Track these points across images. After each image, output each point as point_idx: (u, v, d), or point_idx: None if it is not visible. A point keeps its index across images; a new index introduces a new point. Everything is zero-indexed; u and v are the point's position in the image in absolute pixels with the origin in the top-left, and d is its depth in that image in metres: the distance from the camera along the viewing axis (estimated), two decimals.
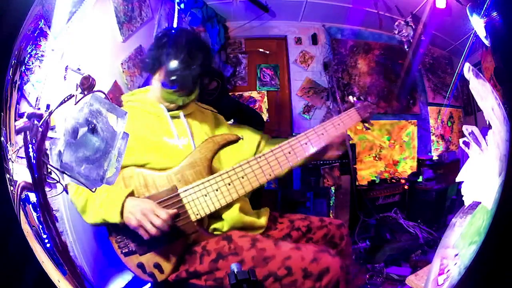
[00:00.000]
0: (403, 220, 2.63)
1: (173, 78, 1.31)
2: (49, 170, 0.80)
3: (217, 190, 1.27)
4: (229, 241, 1.22)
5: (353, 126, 1.53)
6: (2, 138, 1.00)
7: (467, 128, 1.12)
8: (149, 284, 1.36)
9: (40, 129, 0.83)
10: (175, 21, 2.32)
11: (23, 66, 1.23)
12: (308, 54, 2.98)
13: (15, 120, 1.07)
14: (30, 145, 0.82)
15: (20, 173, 0.99)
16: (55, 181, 0.81)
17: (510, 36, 1.04)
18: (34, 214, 1.07)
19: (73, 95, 0.82)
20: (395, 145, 2.97)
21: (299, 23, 2.84)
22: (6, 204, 0.96)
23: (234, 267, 0.96)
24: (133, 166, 1.28)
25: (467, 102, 2.77)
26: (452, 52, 2.76)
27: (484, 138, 1.08)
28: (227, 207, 1.30)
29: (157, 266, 1.23)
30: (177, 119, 1.40)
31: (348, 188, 2.55)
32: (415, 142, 2.95)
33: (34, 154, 0.81)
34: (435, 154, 2.91)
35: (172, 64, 1.31)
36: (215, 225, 1.31)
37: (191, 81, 1.34)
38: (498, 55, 1.45)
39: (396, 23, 2.58)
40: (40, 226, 1.05)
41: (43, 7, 1.32)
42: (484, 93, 1.05)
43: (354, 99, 1.60)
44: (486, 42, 1.51)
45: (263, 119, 2.64)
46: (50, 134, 0.86)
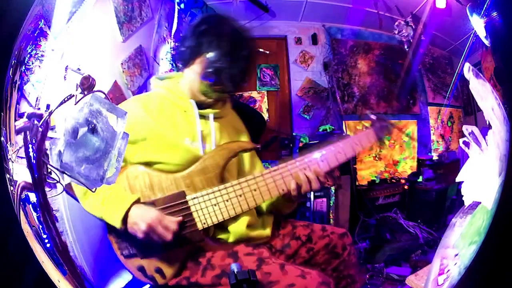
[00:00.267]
0: (403, 220, 2.63)
1: (212, 69, 1.21)
2: (49, 170, 0.80)
3: (228, 201, 1.22)
4: (235, 259, 1.17)
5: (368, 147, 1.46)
6: (2, 138, 1.00)
7: (467, 128, 1.12)
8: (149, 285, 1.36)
9: (40, 129, 0.83)
10: (175, 21, 2.32)
11: (23, 66, 1.23)
12: (308, 54, 2.98)
13: (15, 120, 1.07)
14: (30, 145, 0.82)
15: (20, 173, 0.99)
16: (55, 181, 0.81)
17: (510, 36, 1.04)
18: (34, 214, 1.06)
19: (73, 95, 0.82)
20: (395, 145, 2.97)
21: (299, 23, 2.84)
22: (6, 204, 0.96)
23: (234, 267, 0.95)
24: (138, 165, 1.22)
25: (467, 102, 2.77)
26: (452, 52, 2.76)
27: (484, 138, 1.08)
28: (234, 219, 1.26)
29: (158, 271, 1.21)
30: (205, 119, 1.31)
31: (348, 188, 2.55)
32: (415, 142, 2.96)
33: (34, 154, 0.81)
34: (435, 154, 2.91)
35: (213, 54, 1.21)
36: (220, 235, 1.27)
37: (233, 75, 1.23)
38: (498, 55, 1.45)
39: (396, 23, 2.58)
40: (40, 226, 1.05)
41: (43, 7, 1.32)
42: (484, 93, 1.05)
43: (374, 117, 1.51)
44: (486, 42, 1.51)
45: (264, 119, 2.65)
46: (50, 134, 0.86)
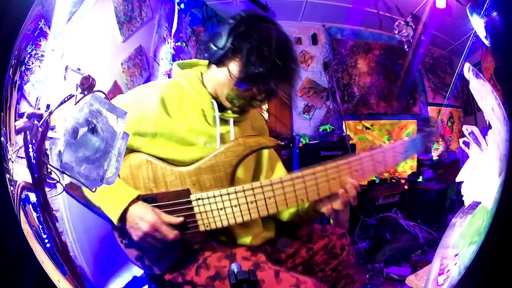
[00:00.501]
0: (403, 220, 2.63)
1: (249, 76, 1.09)
2: (49, 170, 0.79)
3: (236, 207, 1.10)
4: (231, 261, 1.10)
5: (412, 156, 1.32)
6: (2, 138, 1.00)
7: (467, 128, 1.11)
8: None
9: (40, 129, 0.83)
10: (175, 21, 2.32)
11: (23, 66, 1.23)
12: (308, 54, 2.98)
13: (15, 120, 1.07)
14: (30, 145, 0.82)
15: (20, 173, 0.99)
16: (55, 181, 0.81)
17: (510, 36, 1.04)
18: (34, 214, 1.06)
19: (73, 95, 0.82)
20: None
21: (299, 23, 2.84)
22: (6, 204, 0.96)
23: (234, 267, 0.95)
24: (141, 152, 1.14)
25: (467, 102, 2.77)
26: (452, 52, 2.76)
27: (484, 138, 1.08)
28: (240, 226, 1.17)
29: (156, 263, 1.18)
30: (225, 123, 1.21)
31: None
32: None
33: (34, 154, 0.81)
34: (435, 154, 2.91)
35: (253, 60, 1.08)
36: (224, 238, 1.20)
37: (271, 84, 1.10)
38: (498, 55, 1.45)
39: (396, 23, 2.58)
40: (40, 226, 1.05)
41: (43, 7, 1.33)
42: (484, 93, 1.04)
43: (422, 123, 1.34)
44: (486, 42, 1.51)
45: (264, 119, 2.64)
46: (50, 134, 0.86)
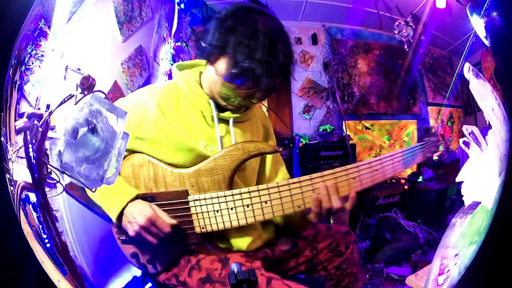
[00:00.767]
0: (403, 220, 2.63)
1: (239, 70, 1.05)
2: (49, 170, 0.80)
3: (232, 209, 1.10)
4: (223, 265, 1.09)
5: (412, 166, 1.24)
6: (2, 138, 1.00)
7: (467, 128, 1.12)
8: (149, 284, 1.36)
9: (40, 129, 0.83)
10: (175, 21, 2.32)
11: (23, 66, 1.23)
12: (308, 54, 2.98)
13: (15, 120, 1.07)
14: (30, 145, 0.82)
15: (20, 173, 0.99)
16: (55, 181, 0.81)
17: (510, 36, 1.04)
18: (34, 214, 1.06)
19: (73, 95, 0.82)
20: (395, 145, 2.97)
21: (299, 23, 2.84)
22: (6, 204, 0.96)
23: (234, 267, 0.95)
24: (145, 154, 1.15)
25: (467, 102, 2.77)
26: (452, 52, 2.76)
27: (484, 138, 1.08)
28: (237, 230, 1.17)
29: (150, 262, 1.19)
30: (224, 123, 1.20)
31: None
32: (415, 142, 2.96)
33: (34, 154, 0.81)
34: (435, 154, 2.91)
35: (241, 55, 1.04)
36: (221, 244, 1.20)
37: (263, 77, 1.06)
38: (498, 55, 1.45)
39: (396, 23, 2.58)
40: (40, 226, 1.05)
41: (43, 7, 1.32)
42: (484, 93, 1.05)
43: (422, 132, 1.37)
44: (486, 42, 1.51)
45: None
46: (50, 134, 0.86)
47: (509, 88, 1.07)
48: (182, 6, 2.31)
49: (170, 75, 1.70)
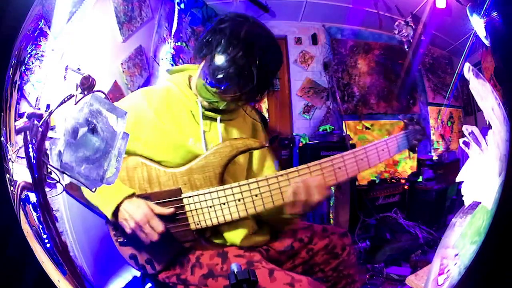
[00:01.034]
0: (403, 220, 2.63)
1: (218, 75, 1.08)
2: (49, 170, 0.80)
3: (224, 204, 1.14)
4: (223, 259, 1.13)
5: (397, 154, 1.27)
6: (2, 138, 1.00)
7: (467, 128, 1.12)
8: (149, 284, 1.36)
9: (40, 129, 0.83)
10: (175, 21, 2.32)
11: (23, 66, 1.23)
12: (308, 54, 2.98)
13: (15, 120, 1.07)
14: (30, 145, 0.82)
15: (20, 173, 0.99)
16: (55, 181, 0.81)
17: (510, 36, 1.04)
18: (34, 214, 1.07)
19: (73, 95, 0.82)
20: None
21: (299, 23, 2.84)
22: (6, 204, 0.96)
23: (234, 267, 0.95)
24: (138, 156, 1.19)
25: (467, 102, 2.77)
26: (452, 52, 2.76)
27: (484, 138, 1.08)
28: (232, 226, 1.20)
29: (149, 262, 1.20)
30: (213, 121, 1.23)
31: (348, 188, 2.55)
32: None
33: (34, 154, 0.81)
34: (435, 154, 2.91)
35: (219, 58, 1.07)
36: (215, 240, 1.23)
37: (240, 85, 1.08)
38: (498, 55, 1.45)
39: (396, 23, 2.58)
40: (40, 226, 1.05)
41: (43, 7, 1.32)
42: (484, 93, 1.05)
43: (406, 120, 1.40)
44: (486, 42, 1.50)
45: (266, 119, 2.65)
46: (50, 134, 0.86)
47: (509, 88, 1.07)
48: (182, 6, 2.31)
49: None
